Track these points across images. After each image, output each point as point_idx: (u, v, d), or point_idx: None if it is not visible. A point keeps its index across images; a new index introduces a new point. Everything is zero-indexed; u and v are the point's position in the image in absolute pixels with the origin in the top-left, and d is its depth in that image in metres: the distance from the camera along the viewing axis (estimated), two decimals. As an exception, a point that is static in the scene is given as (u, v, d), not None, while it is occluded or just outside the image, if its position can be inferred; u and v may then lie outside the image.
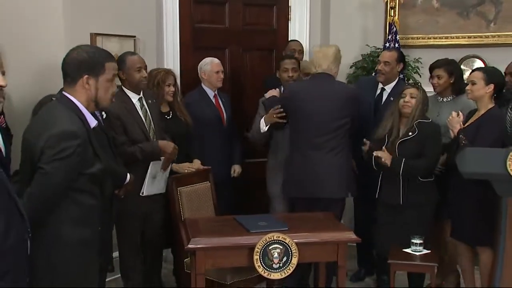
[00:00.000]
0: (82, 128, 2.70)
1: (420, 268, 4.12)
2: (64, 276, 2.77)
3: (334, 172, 4.35)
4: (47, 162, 2.62)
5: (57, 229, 2.71)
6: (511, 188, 3.70)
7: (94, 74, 2.77)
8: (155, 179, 4.15)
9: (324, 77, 4.44)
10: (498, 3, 5.72)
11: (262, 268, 3.47)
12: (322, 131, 4.35)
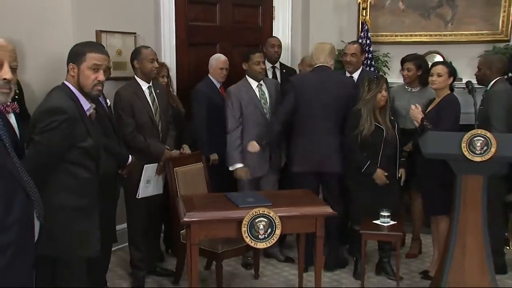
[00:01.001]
0: (72, 107, 2.74)
1: (387, 237, 4.16)
2: (63, 242, 2.76)
3: (333, 151, 4.42)
4: (38, 133, 2.68)
5: (53, 195, 2.71)
6: (465, 166, 3.71)
7: (77, 62, 2.82)
8: (149, 183, 4.13)
9: (322, 69, 4.51)
10: (454, 6, 5.78)
11: (249, 238, 3.47)
12: (322, 115, 4.42)
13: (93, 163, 2.85)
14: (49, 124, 2.65)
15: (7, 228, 2.14)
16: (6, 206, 2.15)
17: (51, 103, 2.73)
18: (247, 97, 4.53)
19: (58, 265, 2.80)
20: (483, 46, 5.70)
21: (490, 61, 4.65)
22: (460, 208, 3.78)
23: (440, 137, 3.87)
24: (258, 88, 4.59)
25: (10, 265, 2.16)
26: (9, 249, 2.15)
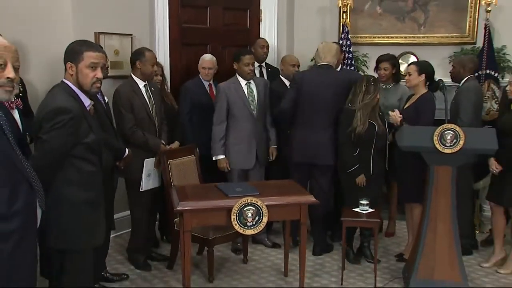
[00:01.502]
0: (75, 105, 2.72)
1: (366, 224, 4.18)
2: (74, 235, 2.77)
3: (328, 144, 4.45)
4: (45, 133, 2.65)
5: (62, 190, 2.71)
6: (437, 158, 3.78)
7: (74, 61, 2.79)
8: (150, 176, 4.17)
9: (326, 67, 4.53)
10: (426, 10, 5.84)
11: (238, 225, 3.50)
12: (321, 111, 4.44)
13: (96, 157, 2.86)
14: (56, 124, 2.64)
15: (12, 216, 2.16)
16: (11, 195, 2.17)
17: (56, 103, 2.70)
18: (235, 94, 4.54)
19: (67, 255, 2.80)
20: (453, 48, 5.79)
21: (463, 61, 4.74)
22: (432, 196, 3.84)
23: (414, 131, 3.94)
24: (247, 86, 4.60)
25: (14, 252, 2.18)
26: (13, 236, 2.17)
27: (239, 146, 4.55)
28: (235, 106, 4.53)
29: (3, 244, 2.13)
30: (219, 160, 4.55)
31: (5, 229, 2.14)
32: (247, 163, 4.58)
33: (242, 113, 4.54)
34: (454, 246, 3.84)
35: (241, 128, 4.54)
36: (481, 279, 4.20)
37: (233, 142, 4.55)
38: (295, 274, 4.09)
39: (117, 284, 3.99)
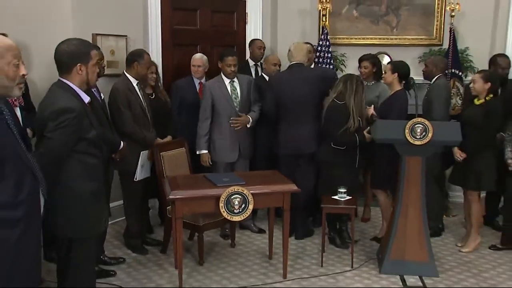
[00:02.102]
0: (78, 104, 2.70)
1: (343, 210, 4.20)
2: (80, 224, 2.76)
3: (309, 136, 4.47)
4: (50, 131, 2.63)
5: (69, 183, 2.70)
6: (408, 149, 3.82)
7: (84, 62, 2.75)
8: (143, 167, 4.17)
9: (298, 65, 4.55)
10: (398, 15, 5.88)
11: (226, 212, 3.51)
12: (300, 105, 4.44)
13: (97, 150, 2.85)
14: (61, 123, 2.61)
15: (19, 204, 2.17)
16: (17, 185, 2.17)
17: (60, 103, 2.65)
18: (219, 92, 4.50)
19: (74, 242, 2.80)
20: (422, 49, 5.85)
21: (436, 61, 4.82)
22: (404, 184, 3.88)
23: (387, 124, 3.97)
24: (230, 84, 4.56)
25: (21, 238, 2.18)
26: (20, 222, 2.17)
27: (223, 141, 4.52)
28: (219, 103, 4.50)
29: (10, 231, 2.13)
30: (202, 154, 4.53)
31: (12, 217, 2.14)
32: (230, 157, 4.56)
33: (226, 109, 4.51)
34: (423, 229, 3.89)
35: (224, 124, 4.52)
36: (446, 258, 4.27)
37: (217, 137, 4.53)
38: (279, 257, 4.11)
39: (114, 267, 3.98)
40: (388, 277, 3.87)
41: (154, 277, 3.88)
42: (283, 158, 4.59)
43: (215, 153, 4.54)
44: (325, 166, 4.40)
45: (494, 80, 4.23)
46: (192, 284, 3.76)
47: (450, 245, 4.55)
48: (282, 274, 3.87)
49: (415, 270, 3.89)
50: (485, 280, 3.86)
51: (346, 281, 3.84)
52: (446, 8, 5.64)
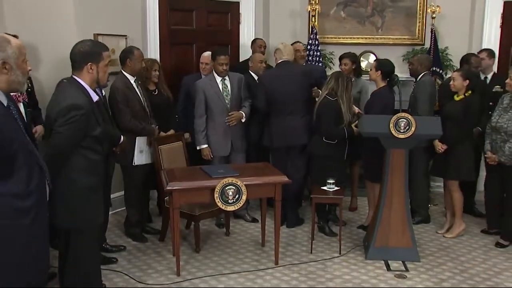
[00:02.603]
0: (86, 102, 2.69)
1: (331, 200, 4.19)
2: (80, 215, 2.77)
3: (302, 127, 4.47)
4: (59, 126, 2.64)
5: (71, 177, 2.71)
6: (392, 142, 3.81)
7: (95, 62, 2.75)
8: (142, 152, 4.14)
9: (286, 63, 4.56)
10: (383, 16, 5.87)
11: (221, 203, 3.49)
12: (290, 100, 4.44)
13: (100, 146, 2.85)
14: (70, 119, 2.61)
15: (30, 194, 2.22)
16: (28, 176, 2.22)
17: (70, 100, 2.65)
18: (211, 90, 4.46)
19: (74, 232, 2.81)
20: (405, 48, 5.85)
21: (421, 59, 4.81)
22: (388, 174, 3.87)
23: (373, 119, 3.96)
24: (222, 82, 4.50)
25: (32, 225, 2.24)
26: (31, 211, 2.23)
27: (216, 136, 4.49)
28: (211, 101, 4.45)
29: (23, 218, 2.18)
30: (203, 149, 4.50)
31: (25, 206, 2.19)
32: (223, 151, 4.52)
33: (217, 106, 4.47)
34: (406, 218, 3.90)
35: (217, 120, 4.48)
36: (427, 244, 4.28)
37: (211, 132, 4.49)
38: (271, 244, 4.10)
39: (116, 254, 3.96)
40: (374, 262, 3.88)
41: (153, 263, 3.86)
42: (275, 150, 4.56)
43: (210, 147, 4.51)
44: (317, 158, 4.38)
45: (472, 77, 4.23)
46: (189, 270, 3.74)
47: (431, 232, 4.56)
48: (274, 261, 3.86)
49: (399, 256, 3.89)
50: (462, 264, 3.91)
51: (334, 266, 3.84)
52: (427, 10, 5.65)
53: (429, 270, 3.77)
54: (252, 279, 3.62)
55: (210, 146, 4.50)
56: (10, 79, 2.20)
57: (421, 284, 3.55)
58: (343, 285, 3.55)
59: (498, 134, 4.13)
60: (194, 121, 4.50)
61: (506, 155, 4.05)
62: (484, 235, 4.48)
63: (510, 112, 4.06)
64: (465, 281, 3.62)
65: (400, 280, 3.62)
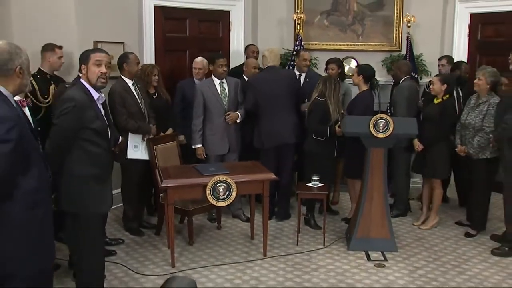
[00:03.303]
0: (82, 96, 2.75)
1: (316, 195, 4.17)
2: (81, 201, 2.78)
3: (291, 127, 4.45)
4: (56, 118, 2.73)
5: (71, 168, 2.75)
6: (372, 141, 3.80)
7: (85, 63, 2.82)
8: (138, 148, 4.08)
9: (274, 67, 4.55)
10: (363, 24, 5.87)
11: (212, 199, 3.46)
12: (279, 102, 4.41)
13: (103, 140, 2.85)
14: (63, 110, 2.67)
15: (40, 188, 2.27)
16: (39, 172, 2.27)
17: (65, 95, 2.76)
18: (210, 92, 4.41)
19: (78, 220, 2.82)
20: (384, 54, 5.85)
21: (400, 65, 4.84)
22: (369, 171, 3.86)
23: (355, 120, 3.94)
24: (220, 85, 4.46)
25: (44, 217, 2.28)
26: (43, 204, 2.28)
27: (214, 136, 4.43)
28: (210, 102, 4.41)
29: (38, 210, 2.23)
30: (197, 148, 4.45)
31: (38, 198, 2.23)
32: (220, 150, 4.46)
33: (216, 108, 4.41)
34: (385, 211, 3.89)
35: (215, 121, 4.42)
36: (404, 235, 4.28)
37: (209, 132, 4.43)
38: (259, 237, 4.06)
39: (115, 247, 3.92)
40: (355, 253, 3.86)
41: (149, 255, 3.82)
42: (266, 150, 4.49)
43: (207, 147, 4.45)
44: (309, 155, 4.39)
45: (450, 82, 4.24)
46: (183, 262, 3.70)
47: (407, 224, 4.56)
48: (263, 253, 3.82)
49: (378, 246, 3.88)
50: (435, 253, 3.92)
51: (319, 257, 3.81)
52: (403, 19, 5.65)
53: (405, 259, 3.76)
54: (242, 270, 3.58)
55: (207, 145, 4.44)
56: (22, 83, 2.27)
57: (399, 273, 3.54)
58: (327, 274, 3.52)
59: (467, 130, 4.16)
60: (192, 122, 4.43)
61: (474, 147, 4.07)
62: (456, 226, 4.49)
63: (476, 110, 4.09)
64: (438, 268, 3.63)
65: (379, 269, 3.60)
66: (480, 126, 4.02)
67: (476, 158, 4.08)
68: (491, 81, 4.03)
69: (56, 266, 3.39)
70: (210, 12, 5.60)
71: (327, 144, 4.29)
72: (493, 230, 4.32)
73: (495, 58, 5.09)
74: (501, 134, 3.73)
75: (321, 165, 4.26)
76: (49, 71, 4.07)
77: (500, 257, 3.81)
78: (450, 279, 3.45)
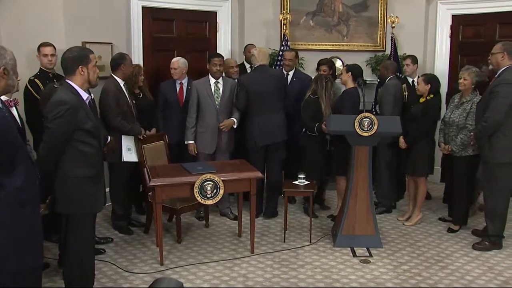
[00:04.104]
0: (73, 98, 2.72)
1: (302, 193, 4.21)
2: (76, 202, 2.78)
3: (281, 125, 4.50)
4: (49, 122, 2.68)
5: (65, 169, 2.74)
6: (357, 140, 3.82)
7: (85, 64, 2.78)
8: (131, 150, 4.08)
9: (263, 66, 4.56)
10: (348, 25, 5.91)
11: (200, 197, 3.46)
12: (269, 100, 4.44)
13: (95, 140, 2.83)
14: (57, 113, 2.64)
15: (27, 187, 2.25)
16: (26, 171, 2.25)
17: (56, 97, 2.71)
18: (204, 91, 4.40)
19: (73, 220, 2.82)
20: (368, 54, 5.89)
21: (386, 65, 4.92)
22: (354, 169, 3.88)
23: (340, 118, 3.96)
24: (215, 84, 4.44)
25: (31, 216, 2.28)
26: (29, 203, 2.26)
27: (204, 134, 4.42)
28: (203, 100, 4.40)
29: (24, 210, 2.22)
30: (189, 144, 4.43)
31: (25, 197, 2.22)
32: (209, 148, 4.44)
33: (208, 106, 4.40)
34: (370, 208, 3.92)
35: (206, 119, 4.41)
36: (389, 232, 4.32)
37: (200, 130, 4.43)
38: (247, 235, 4.07)
39: (104, 245, 3.90)
40: (341, 249, 3.88)
41: (138, 254, 3.81)
42: (256, 149, 4.49)
43: (197, 144, 4.44)
44: (303, 149, 4.55)
45: (433, 82, 4.28)
46: (171, 260, 3.69)
47: (392, 220, 4.60)
48: (250, 250, 3.84)
49: (363, 243, 3.91)
50: (419, 248, 3.96)
51: (305, 254, 3.83)
52: (387, 20, 5.69)
53: (390, 255, 3.80)
54: (230, 267, 3.59)
55: (198, 143, 4.43)
56: (8, 83, 2.25)
57: (383, 268, 3.58)
58: (313, 270, 3.54)
59: (451, 128, 4.21)
60: (186, 118, 4.44)
61: (457, 145, 4.13)
62: (439, 222, 4.55)
63: (460, 108, 4.15)
64: (421, 264, 3.67)
65: (364, 265, 3.63)
66: (464, 124, 4.09)
67: (459, 155, 4.14)
68: (476, 81, 4.10)
69: (45, 265, 3.37)
70: (198, 13, 5.59)
71: (319, 138, 4.43)
72: (474, 225, 4.39)
73: (475, 58, 5.16)
74: (481, 132, 3.79)
75: (314, 158, 4.44)
76: (47, 69, 4.06)
77: (481, 251, 3.87)
78: (433, 274, 3.50)
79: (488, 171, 3.83)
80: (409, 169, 4.43)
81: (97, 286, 3.22)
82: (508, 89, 3.65)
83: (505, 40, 3.96)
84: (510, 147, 3.74)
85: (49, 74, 4.04)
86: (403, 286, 3.32)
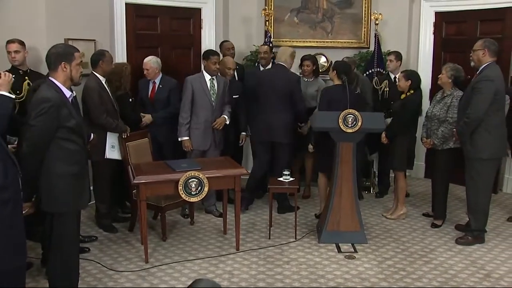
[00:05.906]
0: (56, 96, 2.69)
1: (287, 189, 4.21)
2: (61, 200, 2.75)
3: (283, 126, 4.49)
4: (32, 119, 2.64)
5: (51, 166, 2.71)
6: (341, 136, 3.84)
7: (68, 61, 2.75)
8: (114, 148, 4.05)
9: (279, 66, 4.56)
10: (332, 22, 5.92)
11: (185, 194, 3.44)
12: (274, 100, 4.45)
13: (79, 138, 2.81)
14: (40, 111, 2.61)
15: (7, 186, 2.24)
16: (4, 169, 2.24)
17: (39, 95, 2.68)
18: (199, 86, 4.35)
19: (58, 218, 2.80)
20: (353, 51, 5.91)
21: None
22: (338, 165, 3.90)
23: (324, 115, 3.97)
24: (210, 81, 4.39)
25: (12, 215, 2.28)
26: (10, 202, 2.25)
27: (198, 130, 4.37)
28: (198, 96, 4.35)
29: (4, 208, 2.21)
30: (184, 140, 4.37)
31: (4, 197, 2.22)
32: (202, 145, 4.40)
33: (203, 102, 4.35)
34: (354, 204, 3.94)
35: (200, 115, 4.37)
36: (374, 227, 4.35)
37: (194, 126, 4.37)
38: (232, 232, 4.06)
39: (88, 244, 3.87)
40: (326, 245, 3.90)
41: (123, 252, 3.78)
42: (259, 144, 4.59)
43: (192, 140, 4.38)
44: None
45: (413, 78, 4.32)
46: (156, 257, 3.67)
47: (377, 216, 4.64)
48: (235, 247, 3.83)
49: (348, 239, 3.93)
50: (403, 243, 4.00)
51: (290, 250, 3.84)
52: (371, 17, 5.71)
53: (375, 251, 3.83)
54: (215, 264, 3.58)
55: (191, 139, 4.37)
56: None
57: (368, 264, 3.61)
58: (298, 267, 3.55)
59: (432, 121, 4.27)
60: (180, 114, 4.36)
61: (439, 138, 4.18)
62: (423, 217, 4.59)
63: (441, 103, 4.22)
64: (406, 259, 3.71)
65: (349, 260, 3.65)
66: (445, 117, 4.14)
67: (441, 148, 4.20)
68: (451, 75, 4.15)
69: (29, 265, 3.32)
70: (182, 10, 5.54)
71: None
72: (457, 220, 4.45)
73: (458, 55, 5.23)
74: (463, 128, 3.84)
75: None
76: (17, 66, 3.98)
77: (464, 245, 3.92)
78: (417, 268, 3.53)
79: (471, 167, 3.89)
80: (388, 164, 4.53)
81: (82, 286, 3.18)
82: (489, 86, 3.70)
83: (486, 37, 4.01)
84: (492, 143, 3.80)
85: (19, 71, 3.95)
86: (387, 280, 3.35)
